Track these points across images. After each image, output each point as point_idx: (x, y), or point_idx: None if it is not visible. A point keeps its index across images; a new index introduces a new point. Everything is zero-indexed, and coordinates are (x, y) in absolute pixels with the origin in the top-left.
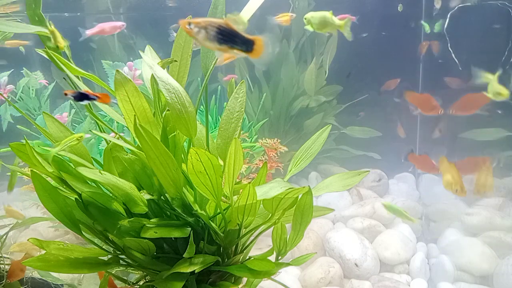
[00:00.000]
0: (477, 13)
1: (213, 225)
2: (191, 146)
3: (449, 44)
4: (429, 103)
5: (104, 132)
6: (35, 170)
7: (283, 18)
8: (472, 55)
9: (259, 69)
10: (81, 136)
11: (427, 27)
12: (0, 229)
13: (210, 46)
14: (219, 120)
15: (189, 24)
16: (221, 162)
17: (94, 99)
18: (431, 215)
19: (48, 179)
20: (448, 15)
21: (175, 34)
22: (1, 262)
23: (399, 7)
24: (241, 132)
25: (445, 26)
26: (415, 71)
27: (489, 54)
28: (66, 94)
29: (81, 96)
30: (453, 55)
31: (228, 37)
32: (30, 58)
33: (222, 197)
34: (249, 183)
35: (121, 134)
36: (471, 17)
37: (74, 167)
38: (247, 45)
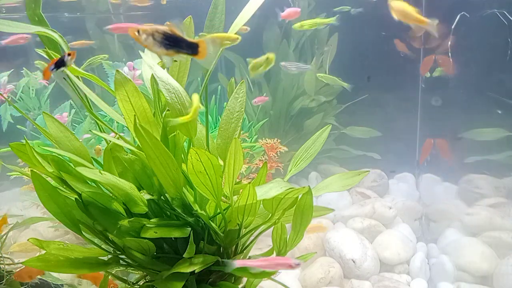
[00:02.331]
0: (479, 20)
1: (213, 225)
2: (191, 146)
3: (449, 43)
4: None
5: (104, 132)
6: (35, 170)
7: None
8: (471, 56)
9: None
10: None
11: (428, 74)
12: None
13: (158, 52)
14: (219, 120)
15: (138, 31)
16: (221, 162)
17: (66, 62)
18: (431, 215)
19: (48, 179)
20: (458, 16)
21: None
22: (1, 262)
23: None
24: (241, 132)
25: (453, 25)
26: (415, 71)
27: (490, 56)
28: (47, 74)
29: (57, 64)
30: (449, 53)
31: (174, 42)
32: (30, 58)
33: (222, 197)
34: (249, 183)
35: (121, 134)
36: (474, 22)
37: (74, 167)
38: (192, 49)
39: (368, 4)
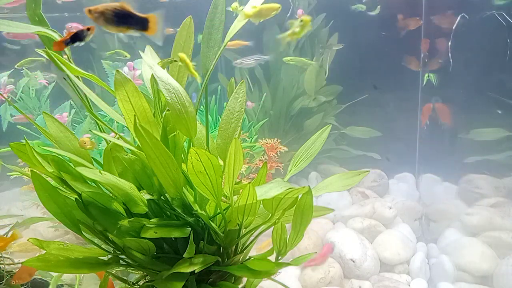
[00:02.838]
0: (479, 22)
1: (213, 225)
2: (191, 146)
3: (449, 43)
4: None
5: (104, 132)
6: (35, 170)
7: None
8: (470, 58)
9: (259, 69)
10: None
11: (426, 78)
12: (0, 229)
13: (110, 29)
14: (219, 120)
15: (89, 11)
16: (221, 162)
17: (84, 35)
18: (431, 215)
19: (48, 179)
20: (459, 17)
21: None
22: (1, 262)
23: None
24: (241, 132)
25: (454, 26)
26: (415, 71)
27: (490, 56)
28: (61, 46)
29: (74, 38)
30: (449, 54)
31: (124, 18)
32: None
33: (222, 197)
34: (249, 183)
35: (121, 134)
36: (473, 23)
37: (74, 167)
38: (142, 24)
39: (367, 4)
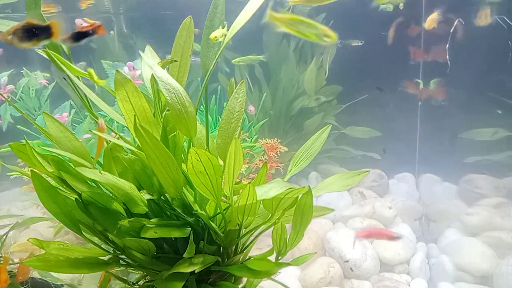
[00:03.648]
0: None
1: (213, 225)
2: (191, 146)
3: (448, 45)
4: None
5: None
6: (35, 170)
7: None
8: (470, 59)
9: (259, 69)
10: None
11: (421, 84)
12: (0, 229)
13: (26, 46)
14: (219, 120)
15: (3, 35)
16: (221, 162)
17: (91, 34)
18: (431, 215)
19: (48, 179)
20: (456, 21)
21: None
22: (1, 262)
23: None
24: (241, 132)
25: (452, 29)
26: (415, 71)
27: (490, 57)
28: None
29: (78, 36)
30: (447, 56)
31: (31, 32)
32: (30, 58)
33: (222, 197)
34: (249, 183)
35: (121, 134)
36: (474, 25)
37: (74, 167)
38: (46, 32)
39: (367, 3)
